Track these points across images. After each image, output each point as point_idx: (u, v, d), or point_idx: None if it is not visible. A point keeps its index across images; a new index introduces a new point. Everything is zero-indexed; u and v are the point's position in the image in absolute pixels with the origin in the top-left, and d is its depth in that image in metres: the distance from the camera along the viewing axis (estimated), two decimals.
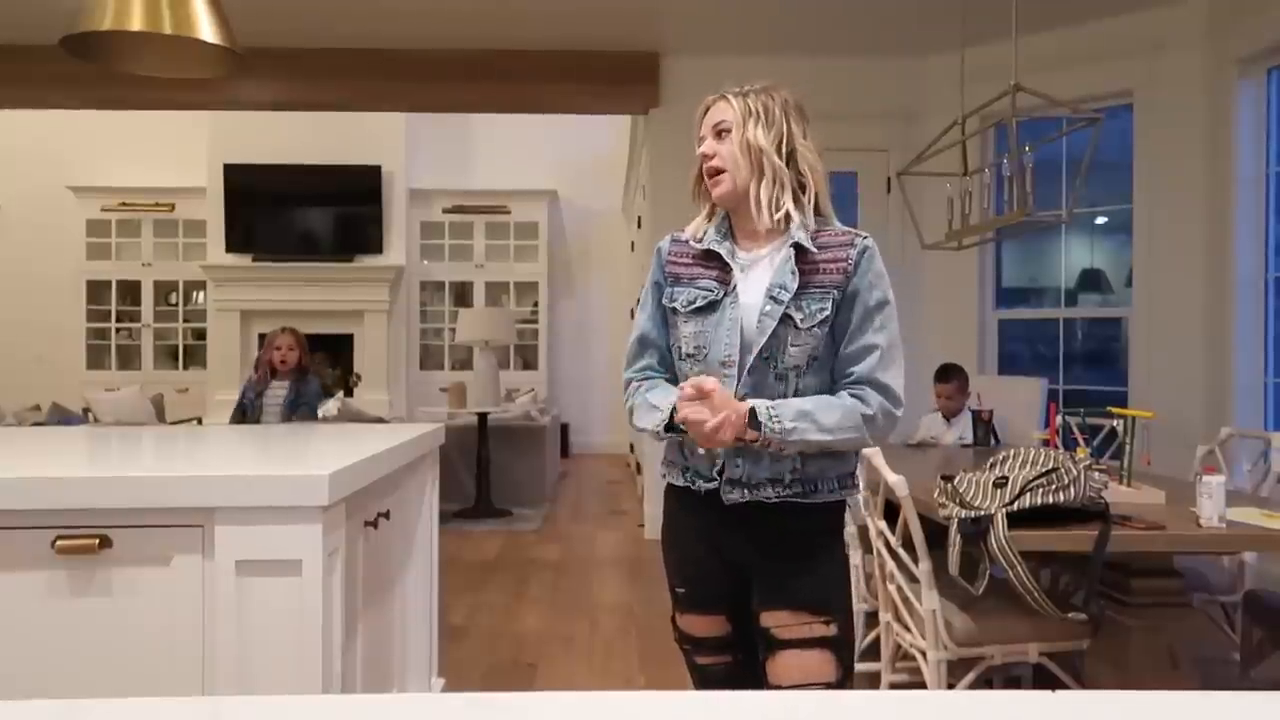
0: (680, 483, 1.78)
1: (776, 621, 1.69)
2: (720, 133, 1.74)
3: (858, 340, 1.67)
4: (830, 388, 1.70)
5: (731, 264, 1.73)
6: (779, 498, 1.68)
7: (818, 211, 1.74)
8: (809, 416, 1.61)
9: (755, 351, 1.66)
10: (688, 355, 1.74)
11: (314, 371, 4.72)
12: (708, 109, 1.78)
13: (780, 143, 1.71)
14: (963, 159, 4.07)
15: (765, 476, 1.68)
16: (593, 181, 10.53)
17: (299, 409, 4.49)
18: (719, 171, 1.74)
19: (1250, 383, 4.55)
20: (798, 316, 1.65)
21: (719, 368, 1.69)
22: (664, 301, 1.79)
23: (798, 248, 1.68)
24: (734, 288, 1.71)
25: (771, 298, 1.67)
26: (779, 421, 1.60)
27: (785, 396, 1.66)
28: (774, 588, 1.71)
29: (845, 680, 1.69)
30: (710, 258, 1.75)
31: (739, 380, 1.68)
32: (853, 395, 1.66)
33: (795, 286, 1.66)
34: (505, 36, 5.57)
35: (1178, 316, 4.87)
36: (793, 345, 1.66)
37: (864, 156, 5.72)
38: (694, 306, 1.73)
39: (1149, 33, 4.91)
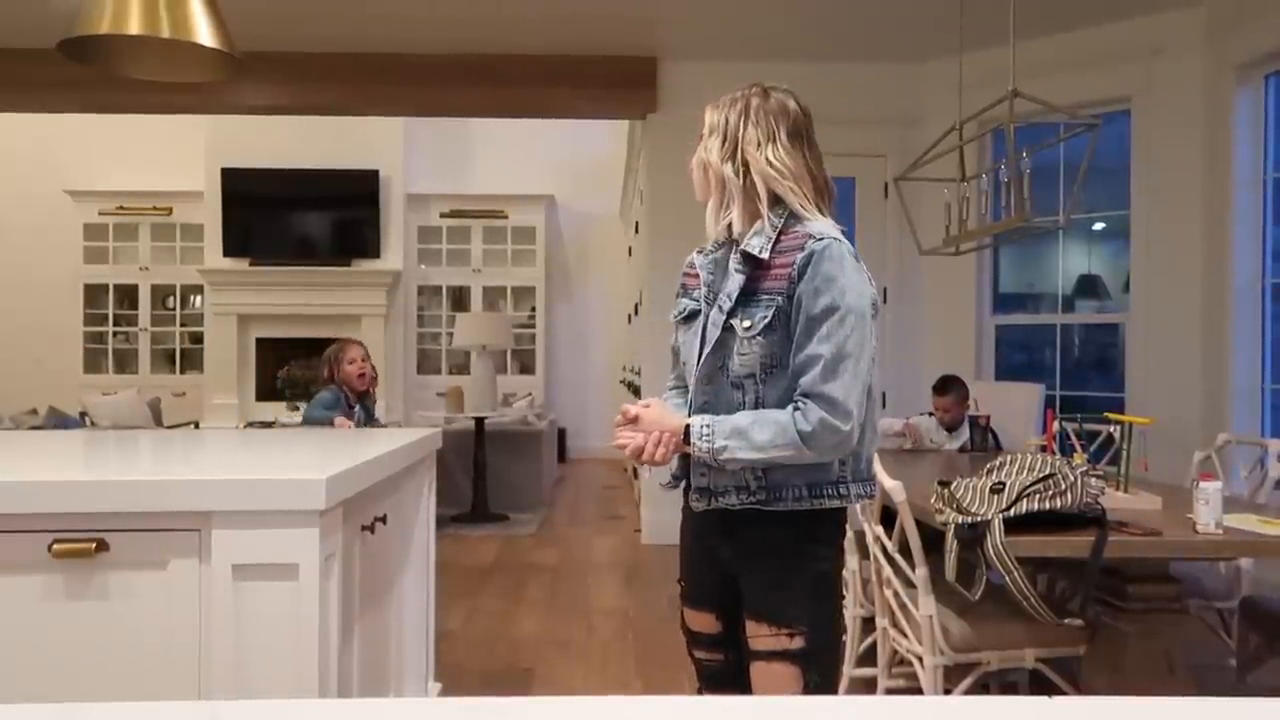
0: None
1: (749, 631, 1.71)
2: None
3: (803, 350, 1.62)
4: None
5: (699, 274, 1.78)
6: (742, 505, 1.68)
7: (792, 215, 1.69)
8: (742, 434, 1.61)
9: (704, 361, 1.70)
10: (682, 363, 1.82)
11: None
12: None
13: (734, 153, 1.71)
14: (960, 164, 4.07)
15: (730, 484, 1.69)
16: (591, 186, 10.53)
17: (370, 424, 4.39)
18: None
19: (1248, 388, 4.55)
20: (741, 325, 1.66)
21: (690, 376, 1.75)
22: None
23: (745, 255, 1.68)
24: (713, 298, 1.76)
25: (718, 307, 1.70)
26: (709, 440, 1.62)
27: (744, 406, 1.67)
28: (748, 596, 1.72)
29: (819, 693, 1.66)
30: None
31: (693, 389, 1.72)
32: (797, 409, 1.61)
33: (736, 294, 1.67)
34: (503, 41, 5.57)
35: (1175, 322, 4.87)
36: (739, 354, 1.67)
37: (862, 162, 5.72)
38: (681, 316, 1.81)
39: (1147, 39, 4.93)
